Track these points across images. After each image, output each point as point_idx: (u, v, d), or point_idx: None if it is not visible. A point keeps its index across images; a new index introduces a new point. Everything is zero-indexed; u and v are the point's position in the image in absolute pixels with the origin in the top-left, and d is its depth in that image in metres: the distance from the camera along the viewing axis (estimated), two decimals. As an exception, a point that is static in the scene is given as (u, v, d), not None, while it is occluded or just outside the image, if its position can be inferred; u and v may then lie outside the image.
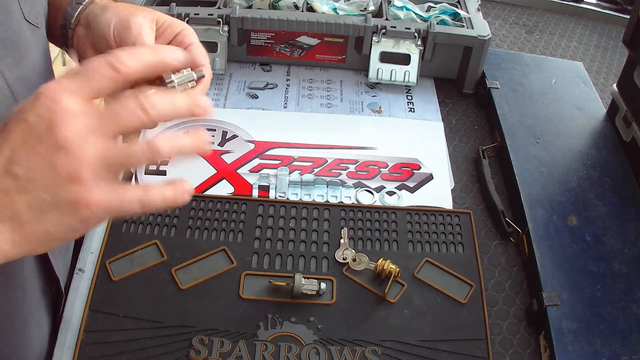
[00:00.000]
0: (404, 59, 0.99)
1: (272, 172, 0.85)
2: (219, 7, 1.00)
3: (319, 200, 0.82)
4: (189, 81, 0.50)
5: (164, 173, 0.83)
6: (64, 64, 1.56)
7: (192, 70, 0.50)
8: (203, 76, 0.51)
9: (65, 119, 0.39)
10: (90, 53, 0.61)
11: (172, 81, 0.49)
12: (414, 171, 0.87)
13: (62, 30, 0.63)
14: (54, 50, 0.67)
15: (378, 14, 1.04)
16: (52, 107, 0.40)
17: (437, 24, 1.00)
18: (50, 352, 0.64)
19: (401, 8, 1.04)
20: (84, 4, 0.61)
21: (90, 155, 0.40)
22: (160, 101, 0.42)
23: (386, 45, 0.98)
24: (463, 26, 1.00)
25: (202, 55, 0.56)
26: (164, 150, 0.42)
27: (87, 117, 0.40)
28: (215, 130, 0.91)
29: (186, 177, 0.84)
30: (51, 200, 0.40)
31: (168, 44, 0.56)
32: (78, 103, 0.40)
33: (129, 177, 0.83)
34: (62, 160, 0.39)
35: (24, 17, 0.56)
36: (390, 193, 0.84)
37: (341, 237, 0.76)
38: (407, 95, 1.02)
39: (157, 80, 0.50)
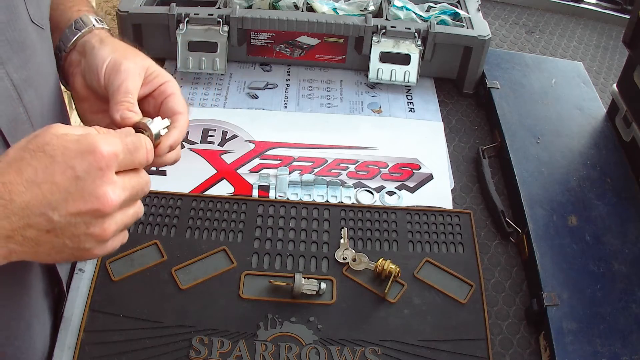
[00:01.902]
0: (404, 59, 0.99)
1: (272, 172, 0.85)
2: (219, 7, 1.00)
3: (319, 200, 0.82)
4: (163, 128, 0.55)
5: (164, 173, 0.83)
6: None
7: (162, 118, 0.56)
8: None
9: (112, 191, 0.45)
10: (79, 80, 0.64)
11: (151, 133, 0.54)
12: (414, 171, 0.87)
13: (55, 51, 0.65)
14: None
15: (378, 14, 1.04)
16: (105, 173, 0.44)
17: (437, 24, 1.00)
18: (51, 352, 0.64)
19: (401, 8, 1.04)
20: (82, 31, 0.64)
21: (117, 225, 0.47)
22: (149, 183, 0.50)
23: (386, 45, 0.98)
24: (463, 26, 1.01)
25: (180, 104, 0.61)
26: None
27: (124, 192, 0.46)
28: (215, 130, 0.91)
29: (186, 177, 0.85)
30: (72, 247, 0.46)
31: (152, 92, 0.61)
32: (119, 177, 0.46)
33: None
34: (97, 225, 0.45)
35: (30, 18, 0.56)
36: (390, 193, 0.84)
37: (341, 237, 0.76)
38: (407, 95, 1.02)
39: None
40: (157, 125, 0.54)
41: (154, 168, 0.77)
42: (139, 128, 0.53)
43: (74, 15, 0.65)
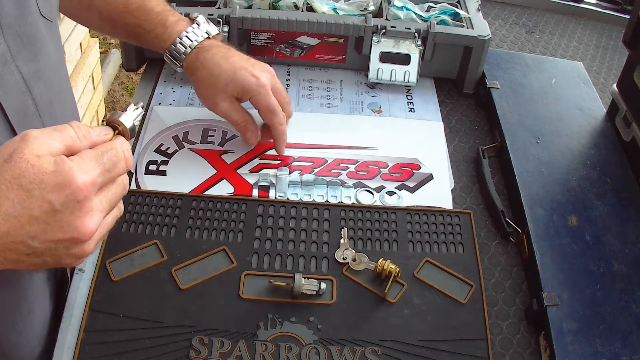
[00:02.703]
0: (404, 59, 0.99)
1: (272, 172, 0.85)
2: (219, 7, 1.00)
3: (319, 200, 0.82)
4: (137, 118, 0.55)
5: (164, 173, 0.83)
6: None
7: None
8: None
9: (90, 220, 0.46)
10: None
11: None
12: (414, 171, 0.87)
13: (169, 54, 0.83)
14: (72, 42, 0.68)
15: (378, 14, 1.04)
16: (82, 205, 0.45)
17: (437, 24, 1.00)
18: (51, 350, 0.64)
19: (401, 8, 1.04)
20: (188, 54, 0.82)
21: (96, 241, 0.48)
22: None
23: (386, 45, 0.98)
24: (463, 26, 1.01)
25: (266, 118, 0.84)
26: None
27: (102, 212, 0.48)
28: (215, 130, 0.91)
29: (186, 177, 0.85)
30: (53, 262, 0.47)
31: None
32: (98, 197, 0.47)
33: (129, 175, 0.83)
34: (77, 249, 0.47)
35: (39, 12, 0.57)
36: (390, 193, 0.84)
37: (341, 237, 0.76)
38: (407, 95, 1.02)
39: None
40: (129, 117, 0.53)
41: (153, 167, 0.79)
42: (112, 123, 0.52)
43: (168, 20, 0.81)
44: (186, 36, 0.81)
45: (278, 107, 0.81)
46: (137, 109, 0.54)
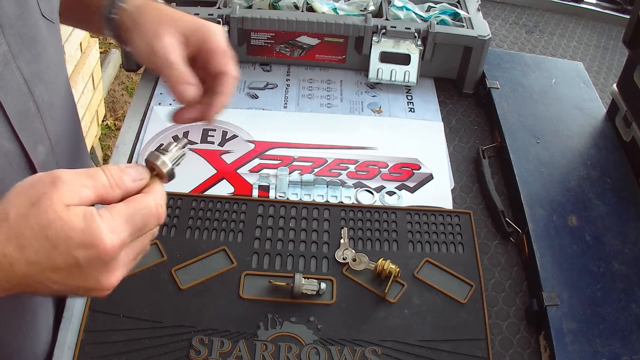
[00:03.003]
0: (404, 59, 0.99)
1: (272, 172, 0.85)
2: (219, 7, 1.00)
3: (319, 200, 0.82)
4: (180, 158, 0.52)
5: (164, 173, 0.83)
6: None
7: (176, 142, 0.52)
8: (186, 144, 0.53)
9: (115, 276, 0.45)
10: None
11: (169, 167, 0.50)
12: (414, 171, 0.87)
13: (105, 32, 0.65)
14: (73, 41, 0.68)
15: (378, 14, 1.04)
16: (109, 265, 0.44)
17: (437, 24, 1.00)
18: (51, 350, 0.64)
19: (401, 8, 1.04)
20: (116, 15, 0.63)
21: (119, 280, 0.46)
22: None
23: (386, 45, 0.98)
24: (463, 26, 1.00)
25: (221, 63, 0.60)
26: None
27: (129, 266, 0.46)
28: (215, 130, 0.91)
29: (186, 177, 0.85)
30: (72, 293, 0.46)
31: (197, 52, 0.60)
32: (125, 252, 0.45)
33: None
34: (99, 292, 0.46)
35: (41, 12, 0.57)
36: (390, 193, 0.84)
37: (341, 237, 0.76)
38: (407, 95, 1.02)
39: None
40: (170, 158, 0.49)
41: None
42: (150, 164, 0.49)
43: None
44: None
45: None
46: (180, 148, 0.50)
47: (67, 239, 0.41)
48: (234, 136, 0.90)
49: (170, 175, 0.50)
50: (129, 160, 0.85)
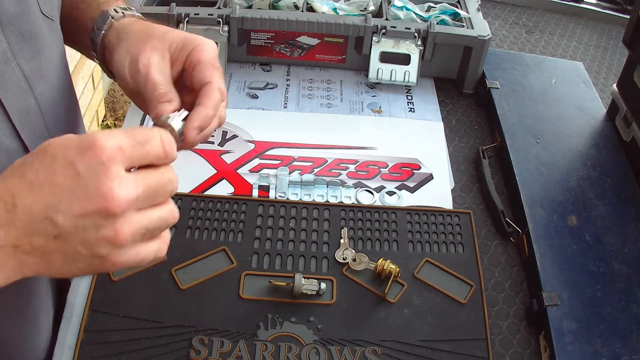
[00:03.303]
0: (404, 59, 0.99)
1: (272, 172, 0.85)
2: (219, 7, 1.00)
3: (319, 200, 0.82)
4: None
5: (164, 173, 0.83)
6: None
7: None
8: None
9: (119, 186, 0.40)
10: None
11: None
12: (414, 171, 0.87)
13: (92, 53, 0.63)
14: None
15: (378, 14, 1.04)
16: (107, 168, 0.40)
17: (437, 24, 1.00)
18: (51, 350, 0.64)
19: (401, 8, 1.04)
20: (103, 31, 0.60)
21: (132, 226, 0.42)
22: (176, 181, 0.46)
23: (386, 45, 0.98)
24: (463, 26, 1.00)
25: (206, 73, 0.56)
26: (177, 216, 0.46)
27: (136, 189, 0.41)
28: (215, 130, 0.91)
29: (186, 177, 0.85)
30: (86, 254, 0.42)
31: (184, 67, 0.57)
32: (130, 174, 0.42)
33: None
34: (108, 227, 0.41)
35: (40, 10, 0.57)
36: (390, 193, 0.84)
37: (341, 237, 0.76)
38: (407, 95, 1.02)
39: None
40: (177, 120, 0.50)
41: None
42: (158, 126, 0.49)
43: (94, 12, 0.62)
44: (121, 8, 0.64)
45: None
46: (181, 112, 0.52)
47: (64, 148, 0.41)
48: (234, 136, 0.90)
49: (181, 132, 0.51)
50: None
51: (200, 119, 0.53)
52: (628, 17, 0.94)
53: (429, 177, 0.87)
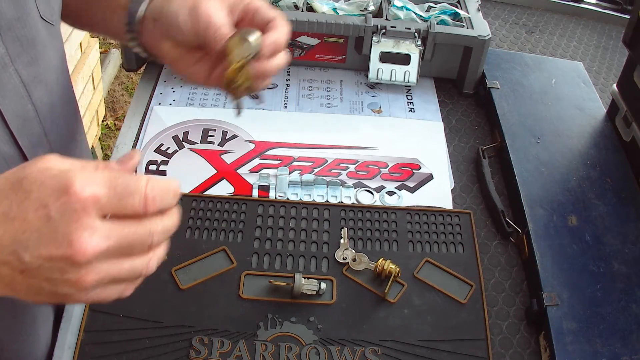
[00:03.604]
0: (404, 59, 0.99)
1: (272, 172, 0.85)
2: (219, 7, 1.00)
3: (319, 200, 0.82)
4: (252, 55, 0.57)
5: (164, 173, 0.83)
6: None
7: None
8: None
9: (88, 237, 0.39)
10: (166, 45, 0.62)
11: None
12: (414, 171, 0.87)
13: (128, 27, 0.63)
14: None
15: (378, 14, 1.04)
16: (80, 217, 0.39)
17: (437, 24, 1.00)
18: (51, 350, 0.64)
19: (401, 8, 1.04)
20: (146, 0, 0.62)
21: (98, 275, 0.41)
22: (162, 234, 0.44)
23: (386, 45, 0.98)
24: (463, 26, 1.00)
25: (270, 11, 0.61)
26: (153, 268, 0.45)
27: (106, 241, 0.40)
28: (215, 130, 0.91)
29: (186, 177, 0.85)
30: (49, 290, 0.41)
31: (240, 17, 0.60)
32: (104, 223, 0.40)
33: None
34: (72, 272, 0.40)
35: (39, 15, 0.56)
36: (390, 193, 0.84)
37: (341, 237, 0.76)
38: (407, 95, 1.02)
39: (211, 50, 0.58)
40: (255, 35, 0.54)
41: (153, 167, 0.77)
42: (239, 37, 0.54)
43: None
44: None
45: None
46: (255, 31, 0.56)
47: (40, 184, 0.40)
48: (234, 136, 0.90)
49: (256, 48, 0.55)
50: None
51: (274, 37, 0.58)
52: (628, 17, 0.93)
53: (429, 177, 0.87)
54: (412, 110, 0.99)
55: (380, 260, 0.71)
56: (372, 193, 0.84)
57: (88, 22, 0.69)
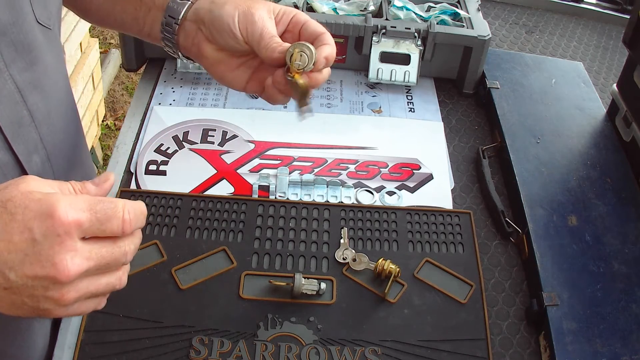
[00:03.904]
0: (404, 59, 0.99)
1: (272, 172, 0.85)
2: (219, 7, 1.00)
3: (319, 200, 0.82)
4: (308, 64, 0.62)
5: (164, 173, 0.83)
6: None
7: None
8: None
9: (71, 259, 0.42)
10: (208, 47, 0.64)
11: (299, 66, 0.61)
12: (414, 171, 0.87)
13: (164, 27, 0.65)
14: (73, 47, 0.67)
15: (378, 14, 1.04)
16: (63, 240, 0.42)
17: (437, 24, 1.00)
18: (51, 350, 0.64)
19: (401, 8, 1.04)
20: (191, 0, 0.64)
21: (78, 292, 0.44)
22: (133, 252, 0.48)
23: (386, 45, 0.98)
24: (463, 26, 1.00)
25: (318, 26, 0.64)
26: (125, 282, 0.49)
27: (87, 262, 0.43)
28: (215, 130, 0.91)
29: (186, 177, 0.85)
30: (31, 305, 0.44)
31: (286, 28, 0.64)
32: (85, 245, 0.43)
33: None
34: (55, 290, 0.43)
35: (35, 19, 0.55)
36: (390, 193, 0.84)
37: (341, 237, 0.76)
38: (407, 95, 1.02)
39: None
40: (309, 47, 0.59)
41: (153, 167, 0.77)
42: (299, 49, 0.59)
43: None
44: None
45: None
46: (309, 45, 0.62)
47: (24, 208, 0.42)
48: (234, 136, 0.90)
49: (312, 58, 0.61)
50: (129, 160, 0.85)
51: (327, 52, 0.62)
52: (628, 17, 0.94)
53: (429, 177, 0.87)
54: (412, 110, 0.99)
55: (380, 260, 0.71)
56: (372, 193, 0.84)
57: (116, 20, 0.70)
